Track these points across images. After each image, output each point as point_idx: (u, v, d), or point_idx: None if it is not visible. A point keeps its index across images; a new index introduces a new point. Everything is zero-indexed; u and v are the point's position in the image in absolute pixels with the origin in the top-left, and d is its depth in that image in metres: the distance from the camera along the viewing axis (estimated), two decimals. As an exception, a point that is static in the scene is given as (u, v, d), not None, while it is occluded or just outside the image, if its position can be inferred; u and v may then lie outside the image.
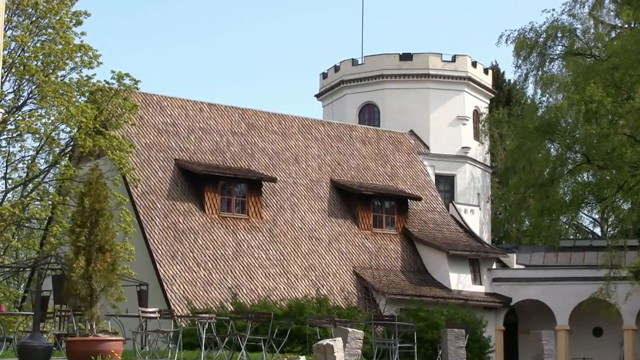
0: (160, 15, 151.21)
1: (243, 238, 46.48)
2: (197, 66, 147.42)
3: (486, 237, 60.00)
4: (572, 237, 62.63)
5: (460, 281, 51.03)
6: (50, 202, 35.53)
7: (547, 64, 44.42)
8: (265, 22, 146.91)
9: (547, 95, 44.94)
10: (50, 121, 34.79)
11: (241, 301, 39.39)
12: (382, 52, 63.09)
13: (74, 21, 34.35)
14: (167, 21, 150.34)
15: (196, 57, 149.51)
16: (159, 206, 45.08)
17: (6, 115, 32.52)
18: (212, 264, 44.46)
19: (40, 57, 33.32)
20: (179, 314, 35.21)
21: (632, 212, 44.06)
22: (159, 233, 44.06)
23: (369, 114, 61.95)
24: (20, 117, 34.17)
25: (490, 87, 64.06)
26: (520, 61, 45.01)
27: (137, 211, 42.66)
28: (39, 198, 36.34)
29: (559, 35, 43.46)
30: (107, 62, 68.89)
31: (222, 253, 45.22)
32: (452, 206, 57.85)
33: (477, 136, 61.71)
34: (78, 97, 34.41)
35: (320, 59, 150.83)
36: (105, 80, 35.68)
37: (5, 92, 33.40)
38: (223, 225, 46.42)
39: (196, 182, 46.81)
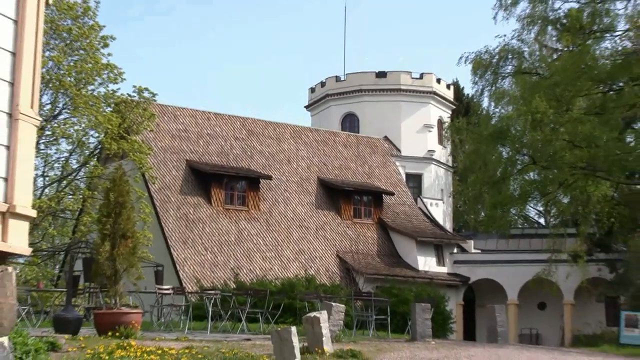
0: (182, 42, 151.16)
1: (244, 227, 46.49)
2: (206, 82, 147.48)
3: (448, 226, 60.05)
4: (520, 226, 62.74)
5: (426, 263, 51.11)
6: (81, 196, 35.45)
7: (499, 81, 44.41)
8: (263, 46, 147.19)
9: (500, 107, 44.94)
10: (81, 128, 34.70)
11: (242, 280, 39.36)
12: (361, 70, 63.17)
13: (102, 44, 34.25)
14: (186, 46, 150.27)
15: (207, 75, 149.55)
16: (173, 200, 45.06)
17: (44, 123, 32.44)
18: (217, 249, 44.46)
19: (73, 74, 33.20)
20: (189, 291, 35.20)
21: (571, 205, 44.16)
22: (172, 222, 44.03)
23: (350, 122, 61.98)
24: (56, 125, 34.08)
25: (452, 100, 64.18)
26: (477, 78, 45.01)
27: (154, 204, 42.63)
28: (71, 193, 36.26)
29: (510, 56, 43.46)
30: (132, 78, 68.74)
31: (226, 239, 45.22)
32: (420, 200, 57.87)
33: (440, 141, 61.80)
34: (105, 107, 34.31)
35: (309, 76, 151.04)
36: (127, 94, 35.64)
37: (44, 104, 33.31)
38: (227, 216, 46.41)
39: (204, 179, 46.79)
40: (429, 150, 60.79)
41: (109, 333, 19.13)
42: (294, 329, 15.69)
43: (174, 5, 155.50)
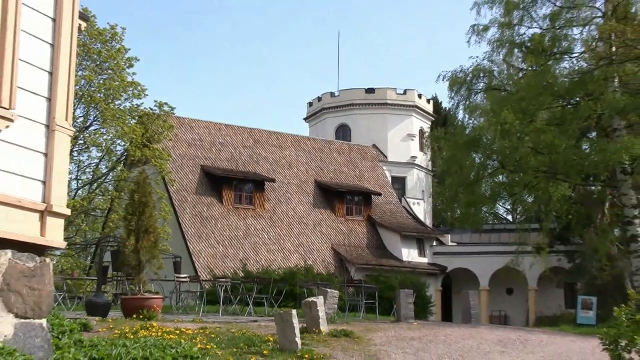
0: (198, 62, 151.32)
1: (251, 223, 46.48)
2: (219, 97, 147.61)
3: (429, 222, 60.07)
4: (491, 222, 62.76)
5: (409, 254, 51.10)
6: (109, 197, 35.47)
7: (472, 96, 44.33)
8: (268, 67, 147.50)
9: (473, 119, 44.90)
10: (109, 138, 34.70)
11: (249, 269, 39.34)
12: (352, 87, 63.20)
13: (128, 64, 34.30)
14: (202, 67, 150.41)
15: (218, 90, 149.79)
16: (189, 200, 45.05)
17: (77, 133, 32.45)
18: (228, 242, 44.44)
19: (103, 90, 33.22)
20: (203, 279, 35.18)
21: (535, 204, 44.28)
22: (189, 219, 44.02)
23: (343, 132, 62.00)
24: (87, 135, 34.08)
25: (432, 112, 64.21)
26: (453, 94, 44.88)
27: (173, 203, 42.61)
28: (101, 194, 36.27)
29: (482, 75, 43.42)
30: (154, 93, 68.72)
31: (235, 234, 45.21)
32: (404, 200, 57.89)
33: (422, 149, 61.83)
34: (130, 120, 34.32)
35: (308, 92, 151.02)
36: (150, 108, 35.67)
37: (77, 117, 33.28)
38: (236, 214, 46.40)
39: (216, 182, 46.78)
40: (411, 157, 60.84)
41: (134, 316, 19.16)
42: (294, 312, 15.72)
43: (194, 34, 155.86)
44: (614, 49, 36.00)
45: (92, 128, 34.60)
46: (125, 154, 36.38)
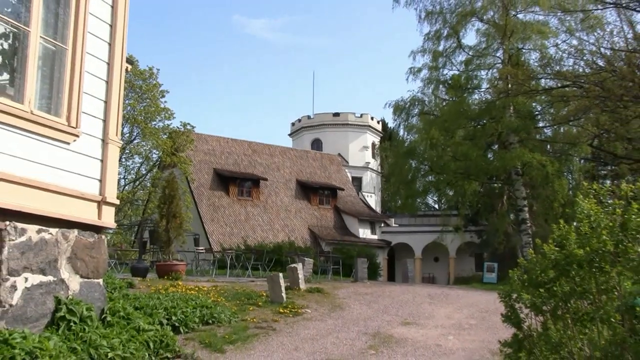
0: (216, 90, 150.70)
1: (250, 210, 46.44)
2: (227, 117, 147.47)
3: (378, 209, 60.20)
4: (423, 209, 63.05)
5: (364, 233, 51.19)
6: (147, 191, 35.34)
7: (410, 118, 44.62)
8: (264, 95, 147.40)
9: (410, 135, 45.17)
10: (147, 148, 34.53)
11: (248, 244, 39.36)
12: (323, 111, 63.31)
13: (160, 95, 34.16)
14: (218, 95, 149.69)
15: (227, 112, 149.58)
16: (205, 193, 44.96)
17: (124, 145, 32.29)
18: (233, 224, 44.38)
19: (142, 114, 33.07)
20: (215, 251, 35.16)
21: (454, 197, 44.49)
22: (205, 207, 43.93)
23: (317, 145, 62.02)
24: (132, 146, 33.92)
25: (380, 130, 64.41)
26: (396, 117, 45.11)
27: (194, 196, 42.49)
28: (141, 189, 36.08)
29: (417, 103, 43.67)
30: (179, 114, 68.20)
31: (238, 218, 45.16)
32: (360, 193, 58.05)
33: (373, 156, 61.99)
34: (162, 135, 34.23)
35: (291, 114, 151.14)
36: (177, 126, 35.54)
37: (124, 133, 33.11)
38: (239, 204, 46.34)
39: (224, 180, 46.69)
40: (366, 162, 60.98)
41: (165, 277, 19.17)
42: (281, 274, 15.81)
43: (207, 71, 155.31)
44: (509, 86, 36.38)
45: (135, 141, 34.44)
46: (159, 160, 36.28)
